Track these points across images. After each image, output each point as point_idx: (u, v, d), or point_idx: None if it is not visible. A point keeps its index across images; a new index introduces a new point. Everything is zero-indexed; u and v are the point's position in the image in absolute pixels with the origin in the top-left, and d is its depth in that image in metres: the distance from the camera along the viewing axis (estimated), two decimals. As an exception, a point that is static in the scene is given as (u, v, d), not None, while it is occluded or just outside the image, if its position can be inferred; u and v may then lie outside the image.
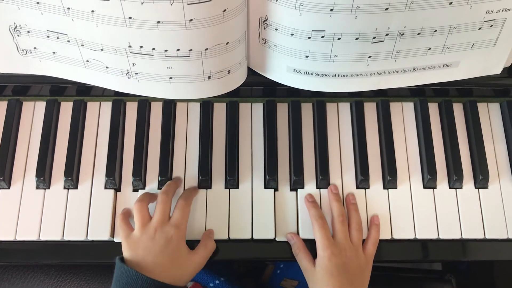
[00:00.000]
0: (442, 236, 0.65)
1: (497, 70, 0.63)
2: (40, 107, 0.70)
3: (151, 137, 0.69)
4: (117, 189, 0.67)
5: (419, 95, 0.71)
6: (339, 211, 0.64)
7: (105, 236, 0.64)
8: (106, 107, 0.70)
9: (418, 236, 0.65)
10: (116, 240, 0.64)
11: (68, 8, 0.53)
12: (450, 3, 0.54)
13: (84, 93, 0.70)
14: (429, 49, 0.59)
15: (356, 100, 0.71)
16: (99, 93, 0.70)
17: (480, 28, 0.57)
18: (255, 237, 0.65)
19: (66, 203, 0.66)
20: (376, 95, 0.71)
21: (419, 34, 0.57)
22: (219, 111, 0.71)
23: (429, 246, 0.66)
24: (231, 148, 0.68)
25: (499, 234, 0.66)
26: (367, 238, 0.64)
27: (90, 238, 0.64)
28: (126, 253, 0.60)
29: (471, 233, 0.65)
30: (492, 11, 0.55)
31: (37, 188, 0.66)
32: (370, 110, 0.71)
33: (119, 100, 0.70)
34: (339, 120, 0.71)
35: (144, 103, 0.70)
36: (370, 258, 0.63)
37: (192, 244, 0.63)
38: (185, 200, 0.63)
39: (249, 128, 0.70)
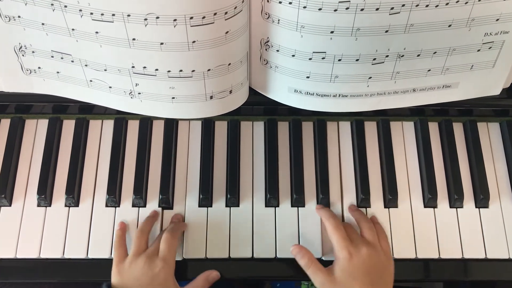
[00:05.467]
0: (443, 256, 0.65)
1: (496, 91, 0.64)
2: (42, 124, 0.71)
3: (153, 155, 0.70)
4: (118, 207, 0.67)
5: (419, 114, 0.72)
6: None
7: (106, 254, 0.64)
8: (108, 125, 0.71)
9: (419, 256, 0.65)
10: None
11: (73, 29, 0.54)
12: (449, 26, 0.54)
13: (86, 111, 0.71)
14: (429, 70, 0.60)
15: (357, 119, 0.71)
16: (101, 111, 0.70)
17: (479, 50, 0.58)
18: (255, 256, 0.65)
19: (67, 220, 0.66)
20: (376, 114, 0.71)
21: (418, 55, 0.57)
22: (221, 130, 0.71)
23: (431, 265, 0.66)
24: (232, 167, 0.68)
25: (500, 254, 0.65)
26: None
27: (90, 256, 0.64)
28: (114, 279, 0.60)
29: (472, 253, 0.65)
30: (491, 34, 0.56)
31: (38, 205, 0.67)
32: (371, 129, 0.72)
33: (121, 118, 0.71)
34: (340, 139, 0.71)
35: (146, 122, 0.70)
36: (388, 253, 0.62)
37: (188, 263, 0.63)
38: (171, 233, 0.62)
39: (250, 146, 0.70)
